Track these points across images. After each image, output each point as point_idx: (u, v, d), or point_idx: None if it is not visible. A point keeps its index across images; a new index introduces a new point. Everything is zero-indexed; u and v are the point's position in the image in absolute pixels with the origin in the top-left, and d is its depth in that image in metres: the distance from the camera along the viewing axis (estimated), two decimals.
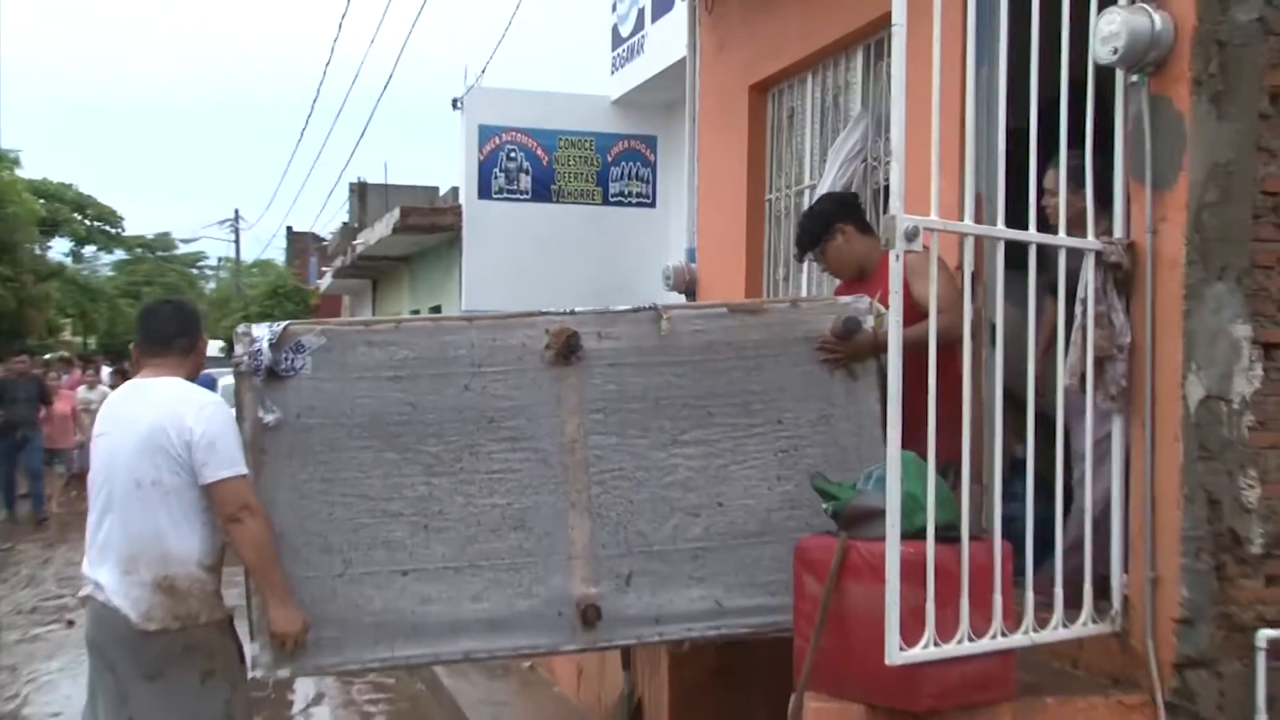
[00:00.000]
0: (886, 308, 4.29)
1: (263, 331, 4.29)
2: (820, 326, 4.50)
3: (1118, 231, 4.17)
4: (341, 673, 4.64)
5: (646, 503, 4.44)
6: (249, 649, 4.23)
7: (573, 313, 4.46)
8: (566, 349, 4.37)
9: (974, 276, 4.72)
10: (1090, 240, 4.11)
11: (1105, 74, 4.15)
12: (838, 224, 4.88)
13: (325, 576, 4.29)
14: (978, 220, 4.21)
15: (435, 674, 6.90)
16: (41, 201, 35.82)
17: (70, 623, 9.09)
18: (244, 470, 4.10)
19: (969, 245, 4.15)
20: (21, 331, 28.55)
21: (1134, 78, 4.12)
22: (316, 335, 4.33)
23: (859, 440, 4.47)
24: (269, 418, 4.24)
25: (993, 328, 4.79)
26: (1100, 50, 4.05)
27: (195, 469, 4.05)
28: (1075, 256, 4.11)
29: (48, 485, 15.49)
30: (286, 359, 4.28)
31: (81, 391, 16.02)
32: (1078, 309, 4.12)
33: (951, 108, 4.15)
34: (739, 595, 4.46)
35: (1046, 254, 4.15)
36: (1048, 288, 4.39)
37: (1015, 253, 4.20)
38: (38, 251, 34.96)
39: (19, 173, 31.96)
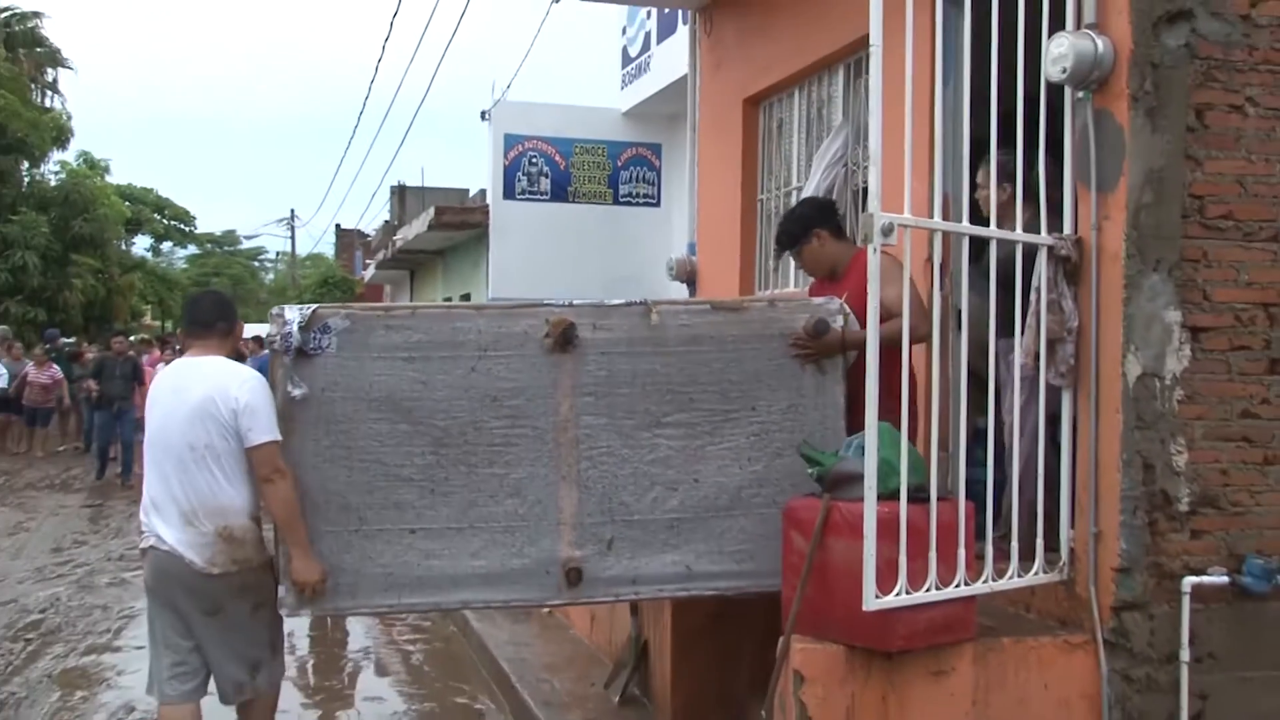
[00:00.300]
0: (853, 309, 4.27)
1: (294, 314, 4.26)
2: (794, 325, 4.41)
3: (1067, 228, 4.16)
4: (354, 614, 4.58)
5: (630, 477, 4.40)
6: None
7: (571, 305, 4.42)
8: (564, 338, 4.32)
9: (942, 268, 4.70)
10: (1043, 236, 4.10)
11: (1056, 89, 4.13)
12: (814, 229, 4.76)
13: (343, 531, 4.31)
14: (945, 218, 4.19)
15: (466, 618, 6.91)
16: (127, 204, 35.82)
17: None
18: (277, 437, 4.16)
19: (938, 240, 4.13)
20: (109, 316, 28.61)
21: (1080, 94, 4.11)
22: (341, 318, 4.32)
23: (824, 428, 4.38)
24: (297, 392, 4.24)
25: (959, 313, 4.77)
26: (1051, 69, 4.05)
27: (241, 433, 4.12)
28: (1004, 246, 4.08)
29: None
30: (314, 339, 4.27)
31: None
32: (1032, 297, 4.11)
33: (922, 118, 4.13)
34: (707, 561, 4.43)
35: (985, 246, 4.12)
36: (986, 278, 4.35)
37: (973, 247, 4.19)
38: (123, 247, 35.02)
39: (109, 179, 32.00)
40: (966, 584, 3.80)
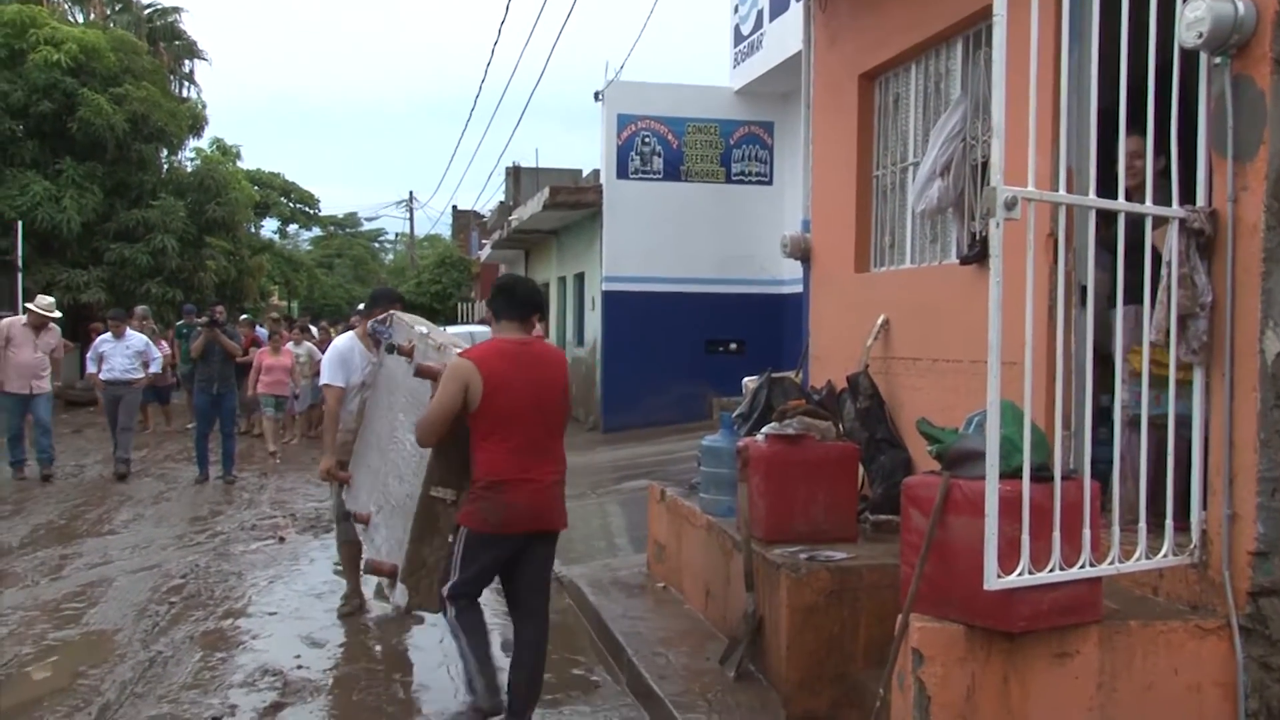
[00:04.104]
0: None
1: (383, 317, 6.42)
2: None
3: (1200, 200, 3.96)
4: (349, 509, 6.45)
5: (395, 463, 5.66)
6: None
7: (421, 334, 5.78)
8: (405, 354, 5.65)
9: (1066, 242, 4.53)
10: (1175, 209, 3.91)
11: (1189, 55, 3.93)
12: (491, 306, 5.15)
13: (355, 458, 6.43)
14: (1069, 191, 4.03)
15: (581, 591, 6.95)
16: (256, 188, 36.86)
17: (281, 539, 9.40)
18: (327, 381, 6.79)
19: (1062, 213, 3.98)
20: (240, 296, 29.54)
21: (1217, 59, 3.90)
22: (394, 321, 6.19)
23: (421, 453, 5.14)
24: (376, 360, 6.46)
25: (1083, 290, 4.60)
26: (1186, 35, 3.86)
27: None
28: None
29: (261, 425, 15.97)
30: (386, 332, 6.13)
31: (290, 346, 16.38)
32: (1163, 271, 3.93)
33: (1046, 89, 3.99)
34: (384, 544, 5.57)
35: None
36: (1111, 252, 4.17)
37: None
38: (252, 230, 36.10)
39: (240, 164, 33.01)
40: (1092, 565, 3.67)
